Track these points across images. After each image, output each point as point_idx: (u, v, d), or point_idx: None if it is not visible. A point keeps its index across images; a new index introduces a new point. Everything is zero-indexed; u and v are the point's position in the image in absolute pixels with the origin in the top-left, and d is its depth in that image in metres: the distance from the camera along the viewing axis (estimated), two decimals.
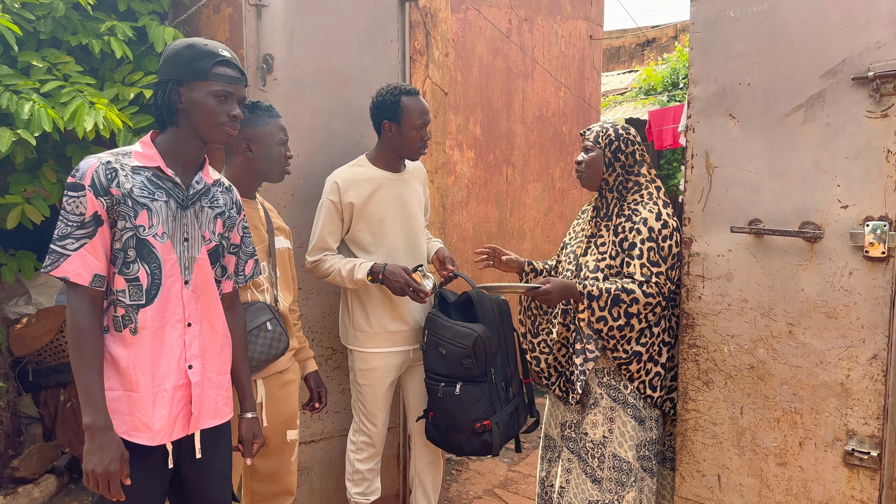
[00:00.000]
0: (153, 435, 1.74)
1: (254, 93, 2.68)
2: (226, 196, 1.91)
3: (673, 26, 11.69)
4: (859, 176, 2.02)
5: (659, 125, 8.26)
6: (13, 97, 2.80)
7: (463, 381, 2.53)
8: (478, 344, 2.48)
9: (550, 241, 5.68)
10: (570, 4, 5.70)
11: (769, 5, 2.15)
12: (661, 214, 2.38)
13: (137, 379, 1.72)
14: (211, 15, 3.60)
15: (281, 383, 2.32)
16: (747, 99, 2.21)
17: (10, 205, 3.00)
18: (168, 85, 1.74)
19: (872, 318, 2.02)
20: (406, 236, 2.72)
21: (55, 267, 1.66)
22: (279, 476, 2.40)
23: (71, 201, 1.66)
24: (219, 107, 1.75)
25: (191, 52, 1.74)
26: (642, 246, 2.35)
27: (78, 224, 1.66)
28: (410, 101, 2.59)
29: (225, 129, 1.77)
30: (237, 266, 1.99)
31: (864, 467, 2.06)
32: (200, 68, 1.73)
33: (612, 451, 2.40)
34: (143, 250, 1.72)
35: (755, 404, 2.25)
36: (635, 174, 2.48)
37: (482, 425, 2.52)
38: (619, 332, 2.34)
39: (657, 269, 2.34)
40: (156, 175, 1.75)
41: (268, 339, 2.16)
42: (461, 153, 4.40)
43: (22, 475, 3.27)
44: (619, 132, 2.48)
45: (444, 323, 2.57)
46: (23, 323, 3.47)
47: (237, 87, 1.78)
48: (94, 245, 1.67)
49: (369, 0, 2.95)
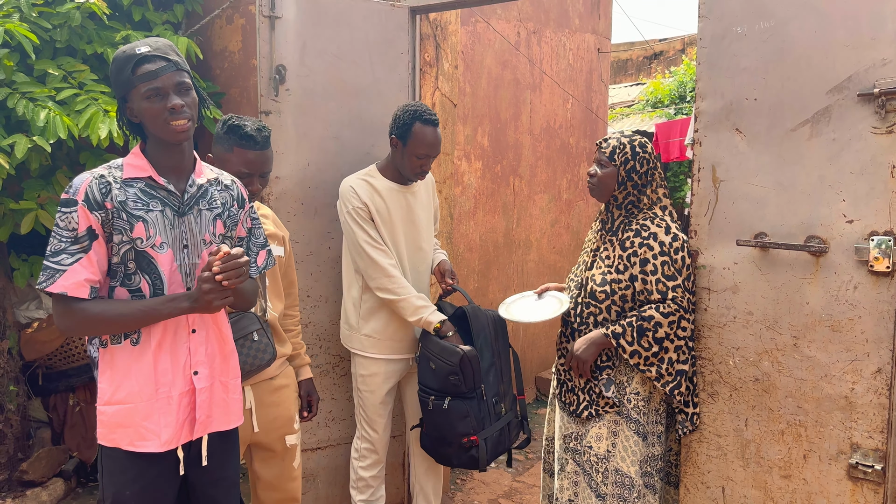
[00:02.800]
0: (161, 443, 1.74)
1: (266, 103, 2.71)
2: (224, 194, 1.88)
3: (680, 39, 11.73)
4: (864, 191, 2.04)
5: (666, 138, 8.29)
6: (29, 104, 2.85)
7: (452, 396, 2.56)
8: (464, 362, 2.50)
9: (556, 252, 5.70)
10: (578, 17, 5.74)
11: (776, 22, 2.17)
12: (670, 228, 2.37)
13: (141, 389, 1.72)
14: (224, 25, 3.65)
15: (271, 389, 2.32)
16: (754, 114, 2.23)
17: (25, 210, 3.04)
18: (120, 103, 1.74)
19: (877, 332, 2.04)
20: (412, 247, 2.75)
21: (51, 282, 1.64)
22: (281, 482, 2.41)
23: (63, 217, 1.65)
24: (154, 106, 1.67)
25: (116, 66, 1.70)
26: (655, 261, 2.33)
27: (71, 239, 1.65)
28: (421, 130, 2.59)
29: (172, 126, 1.69)
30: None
31: (868, 481, 2.07)
32: (125, 79, 1.69)
33: (615, 466, 2.38)
34: (143, 262, 1.72)
35: (760, 416, 2.26)
36: (647, 193, 2.44)
37: (469, 440, 2.54)
38: (656, 357, 2.32)
39: (674, 282, 2.32)
40: (148, 185, 1.74)
41: (253, 349, 2.12)
42: (469, 164, 4.43)
43: (31, 478, 3.29)
44: (636, 150, 2.42)
45: (433, 338, 2.60)
46: (34, 327, 3.50)
47: (165, 78, 1.68)
48: (89, 259, 1.67)
49: (381, 13, 2.99)
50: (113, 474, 1.76)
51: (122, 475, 1.75)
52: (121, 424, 1.72)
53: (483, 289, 4.70)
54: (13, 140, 2.83)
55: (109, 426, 1.73)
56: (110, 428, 1.73)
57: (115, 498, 1.75)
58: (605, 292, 2.40)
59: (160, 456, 1.77)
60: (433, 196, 2.91)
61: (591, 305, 2.43)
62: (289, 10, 2.77)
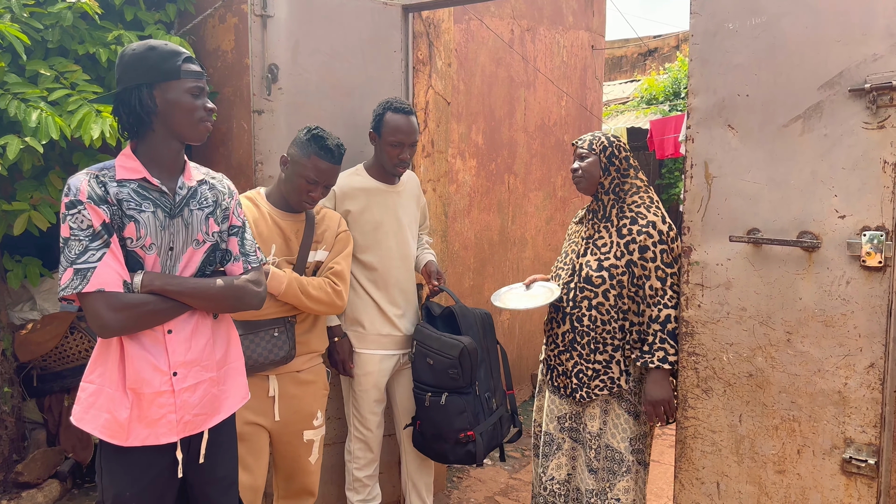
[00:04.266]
0: (128, 438, 1.71)
1: (259, 102, 2.71)
2: (213, 192, 1.88)
3: (675, 36, 11.74)
4: (856, 186, 2.04)
5: (660, 134, 8.30)
6: (21, 105, 2.84)
7: (449, 391, 2.59)
8: (463, 355, 2.54)
9: (552, 250, 5.70)
10: (572, 15, 5.74)
11: (768, 18, 2.17)
12: (665, 218, 2.50)
13: (111, 375, 1.71)
14: (216, 25, 3.64)
15: (296, 382, 2.39)
16: (746, 110, 2.23)
17: (17, 211, 3.03)
18: (139, 90, 1.71)
19: (870, 326, 2.04)
20: (398, 245, 2.77)
21: (86, 283, 1.60)
22: (297, 475, 2.49)
23: (74, 218, 1.63)
24: (195, 102, 1.75)
25: (156, 54, 1.71)
26: (655, 249, 2.45)
27: (90, 236, 1.62)
28: (391, 117, 2.65)
29: (205, 125, 1.78)
30: (242, 246, 1.93)
31: (862, 475, 2.08)
32: (171, 68, 1.71)
33: (606, 442, 2.51)
34: (131, 261, 1.70)
35: (754, 412, 2.27)
36: (630, 177, 2.58)
37: (466, 436, 2.58)
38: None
39: (671, 269, 2.45)
40: (141, 186, 1.73)
41: (270, 344, 2.24)
42: (463, 161, 4.43)
43: (26, 480, 3.29)
44: (610, 139, 2.59)
45: (431, 334, 2.64)
46: (28, 328, 3.49)
47: (204, 83, 1.79)
48: (113, 252, 1.65)
49: (373, 11, 2.98)
50: (114, 475, 1.75)
51: (124, 476, 1.74)
52: (93, 405, 1.71)
53: (478, 287, 4.70)
54: (5, 141, 2.82)
55: (84, 405, 1.73)
56: (84, 407, 1.73)
57: (117, 499, 1.74)
58: (601, 277, 2.49)
59: (161, 456, 1.76)
60: (419, 198, 2.93)
61: (586, 290, 2.52)
62: (281, 9, 2.77)
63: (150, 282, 1.69)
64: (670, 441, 4.05)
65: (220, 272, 1.89)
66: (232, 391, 1.91)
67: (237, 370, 1.93)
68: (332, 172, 2.38)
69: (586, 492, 2.53)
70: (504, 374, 2.82)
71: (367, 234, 2.70)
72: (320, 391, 2.47)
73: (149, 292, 1.69)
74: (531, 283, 2.77)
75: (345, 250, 2.49)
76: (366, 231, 2.70)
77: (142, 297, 1.68)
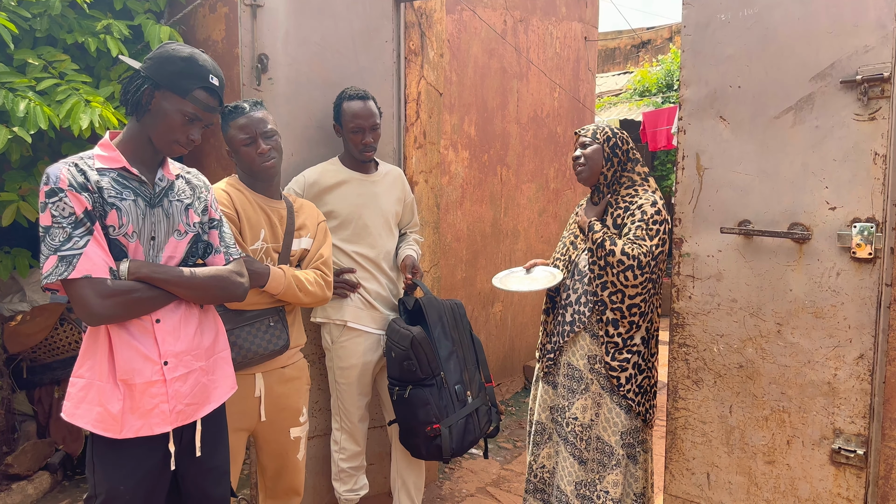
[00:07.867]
0: (122, 430, 1.70)
1: (249, 92, 2.69)
2: (190, 186, 1.89)
3: (668, 28, 11.72)
4: (847, 178, 2.05)
5: (653, 126, 8.29)
6: (9, 95, 2.81)
7: (413, 384, 2.56)
8: (414, 344, 2.51)
9: (544, 242, 5.70)
10: (564, 6, 5.72)
11: (759, 9, 2.17)
12: (655, 202, 2.47)
13: (100, 368, 1.69)
14: (207, 14, 3.61)
15: (283, 379, 2.36)
16: (738, 101, 2.23)
17: (6, 202, 3.01)
18: (145, 83, 1.71)
19: (859, 318, 2.05)
20: (379, 230, 2.78)
21: (72, 269, 1.58)
22: (284, 473, 2.45)
23: (56, 205, 1.60)
24: (182, 126, 1.74)
25: (183, 66, 1.72)
26: (632, 225, 2.44)
27: (73, 224, 1.61)
28: (348, 105, 2.68)
29: (177, 147, 1.77)
30: (222, 239, 1.94)
31: (851, 465, 2.09)
32: (184, 85, 1.71)
33: (596, 434, 2.52)
34: (115, 250, 1.69)
35: (744, 403, 2.27)
36: (629, 171, 2.57)
37: (432, 429, 2.53)
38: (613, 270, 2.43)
39: (640, 241, 2.40)
40: (121, 175, 1.72)
41: (268, 334, 2.23)
42: (456, 153, 4.42)
43: (16, 472, 3.27)
44: (614, 130, 2.58)
45: (392, 326, 2.64)
46: (17, 320, 3.47)
47: (207, 116, 1.78)
48: (97, 240, 1.63)
49: (365, 1, 2.96)
50: (107, 469, 1.74)
51: (117, 470, 1.73)
52: (84, 400, 1.70)
53: (471, 278, 4.70)
54: None
55: (75, 400, 1.72)
56: (75, 402, 1.71)
57: (110, 493, 1.73)
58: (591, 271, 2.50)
59: (154, 449, 1.75)
60: (403, 191, 2.92)
61: (577, 283, 2.55)
62: None
63: (136, 269, 1.68)
64: (661, 432, 4.07)
65: (202, 265, 1.89)
66: (221, 381, 1.91)
67: (225, 360, 1.94)
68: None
69: (577, 483, 2.52)
70: (480, 365, 2.79)
71: (342, 219, 2.72)
72: (304, 387, 2.45)
73: (136, 280, 1.68)
74: (531, 267, 2.77)
75: (328, 239, 2.50)
76: (335, 212, 2.71)
77: (130, 284, 1.67)
